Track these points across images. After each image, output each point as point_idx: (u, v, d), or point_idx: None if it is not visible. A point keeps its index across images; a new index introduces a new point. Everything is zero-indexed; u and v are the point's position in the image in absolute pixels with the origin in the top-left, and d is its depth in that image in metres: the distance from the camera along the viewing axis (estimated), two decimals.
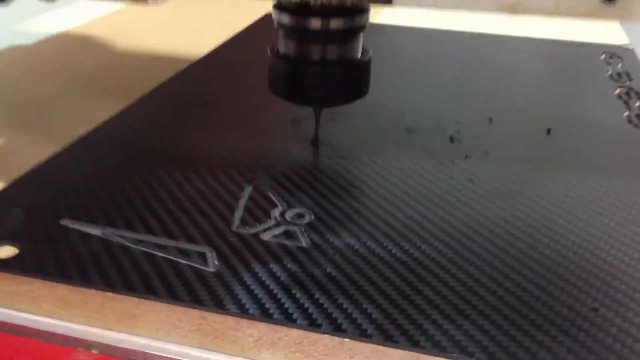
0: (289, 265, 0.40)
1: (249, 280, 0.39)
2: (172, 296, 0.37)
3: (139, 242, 0.42)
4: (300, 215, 0.46)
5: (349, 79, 0.52)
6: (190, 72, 0.74)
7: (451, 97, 0.68)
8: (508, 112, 0.64)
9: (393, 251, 0.42)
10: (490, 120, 0.62)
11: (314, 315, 0.36)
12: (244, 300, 0.37)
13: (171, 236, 0.43)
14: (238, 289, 0.38)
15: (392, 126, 0.60)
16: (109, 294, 0.38)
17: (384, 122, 0.61)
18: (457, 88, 0.71)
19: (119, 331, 0.36)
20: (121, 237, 0.42)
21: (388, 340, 0.34)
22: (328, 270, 0.40)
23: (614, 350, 0.34)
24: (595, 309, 0.37)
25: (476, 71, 0.77)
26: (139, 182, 0.49)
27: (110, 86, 0.71)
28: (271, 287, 0.38)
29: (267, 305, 0.36)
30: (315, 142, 0.56)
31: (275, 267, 0.40)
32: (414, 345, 0.34)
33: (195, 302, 0.37)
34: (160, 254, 0.41)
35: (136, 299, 0.37)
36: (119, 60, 0.80)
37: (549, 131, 0.60)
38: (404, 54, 0.83)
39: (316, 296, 0.37)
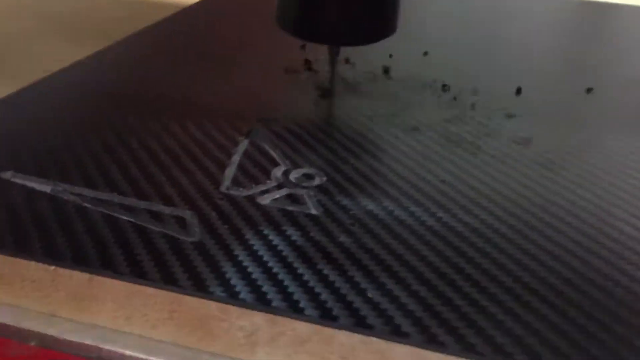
0: (294, 237, 0.31)
1: (240, 254, 0.29)
2: (137, 272, 0.28)
3: (99, 202, 0.32)
4: (309, 177, 0.36)
5: (373, 12, 0.42)
6: (178, 18, 0.64)
7: (485, 52, 0.58)
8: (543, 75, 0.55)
9: (423, 219, 0.32)
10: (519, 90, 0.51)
11: (327, 303, 0.26)
12: (233, 281, 0.27)
13: (141, 196, 0.33)
14: (226, 266, 0.28)
15: (422, 79, 0.51)
16: (53, 268, 0.28)
17: (413, 73, 0.51)
18: (489, 44, 0.61)
19: (65, 318, 0.26)
20: (76, 195, 0.33)
21: (431, 342, 0.25)
22: (345, 244, 0.30)
23: None
24: None
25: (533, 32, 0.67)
26: (105, 130, 0.39)
27: (88, 29, 0.61)
28: (270, 264, 0.29)
29: (264, 289, 0.27)
30: (328, 91, 0.47)
31: (275, 239, 0.30)
32: (467, 350, 0.25)
33: (168, 281, 0.27)
34: (125, 218, 0.31)
35: (88, 276, 0.28)
36: (99, 3, 0.70)
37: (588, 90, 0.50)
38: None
39: (330, 278, 0.28)
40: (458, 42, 0.61)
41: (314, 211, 0.33)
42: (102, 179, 0.34)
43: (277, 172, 0.36)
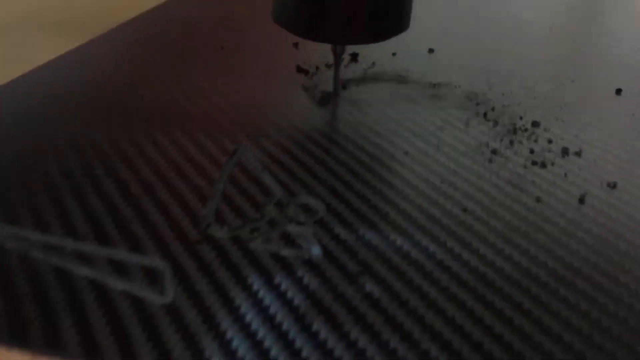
0: (290, 295, 0.25)
1: (223, 322, 0.23)
2: (92, 353, 0.22)
3: (48, 250, 0.26)
4: (307, 209, 0.30)
5: (382, 6, 0.36)
6: (165, 9, 0.57)
7: (495, 51, 0.52)
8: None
9: (446, 263, 0.26)
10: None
11: None
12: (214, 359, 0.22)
13: (103, 238, 0.27)
14: (205, 340, 0.22)
15: (432, 80, 0.44)
16: None
17: (423, 73, 0.45)
18: (501, 43, 0.55)
19: None
20: (22, 240, 0.27)
21: None
22: (352, 302, 0.24)
23: None
24: None
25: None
26: (64, 151, 0.33)
27: (64, 22, 0.54)
28: (260, 336, 0.23)
29: None
30: (329, 97, 0.41)
31: (267, 298, 0.24)
32: None
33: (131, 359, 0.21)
34: (81, 272, 0.25)
35: (29, 357, 0.22)
36: None
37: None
38: None
39: (336, 353, 0.22)
40: (467, 38, 0.55)
41: (314, 255, 0.27)
42: (56, 216, 0.28)
43: (269, 204, 0.30)
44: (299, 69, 0.45)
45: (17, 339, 0.22)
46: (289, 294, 0.25)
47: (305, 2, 0.35)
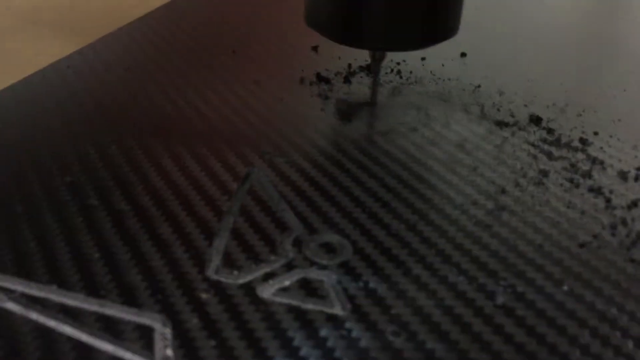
0: (311, 359, 0.21)
1: None
2: None
3: (30, 301, 0.23)
4: (330, 249, 0.26)
5: (429, 10, 0.32)
6: (173, 9, 0.53)
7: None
8: None
9: (496, 320, 0.22)
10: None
11: None
12: None
13: (92, 288, 0.23)
14: None
15: (467, 90, 0.40)
16: None
17: (454, 83, 0.41)
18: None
19: None
20: (2, 289, 0.23)
21: None
22: None
23: None
24: None
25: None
26: (49, 178, 0.30)
27: (67, 23, 0.51)
28: None
29: None
30: (352, 111, 0.36)
31: None
32: None
33: None
34: (66, 330, 0.21)
35: None
36: None
37: None
38: None
39: None
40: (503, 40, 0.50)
41: (338, 310, 0.23)
42: (40, 259, 0.25)
43: (286, 242, 0.26)
44: (320, 78, 0.41)
45: None
46: (309, 358, 0.21)
47: (343, 5, 0.31)
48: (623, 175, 0.31)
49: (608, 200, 0.29)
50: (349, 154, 0.33)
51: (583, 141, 0.34)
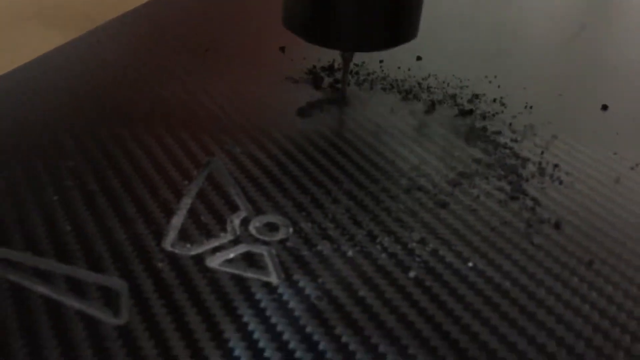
0: (246, 319, 0.25)
1: (175, 346, 0.23)
2: None
3: (8, 265, 0.26)
4: (273, 227, 0.30)
5: (392, 16, 0.36)
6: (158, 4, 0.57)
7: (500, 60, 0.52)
8: None
9: (407, 290, 0.26)
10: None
11: None
12: None
13: (62, 255, 0.27)
14: None
15: (445, 96, 0.44)
16: None
17: (409, 82, 0.45)
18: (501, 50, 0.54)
19: None
20: None
21: None
22: (308, 329, 0.24)
23: None
24: None
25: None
26: (33, 154, 0.33)
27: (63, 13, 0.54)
28: None
29: None
30: (309, 111, 0.40)
31: (223, 322, 0.24)
32: None
33: None
34: (38, 289, 0.25)
35: None
36: None
37: None
38: None
39: None
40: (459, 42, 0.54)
41: (274, 279, 0.27)
42: (17, 229, 0.28)
43: (235, 221, 0.30)
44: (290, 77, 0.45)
45: None
46: (245, 319, 0.25)
47: (317, 10, 0.36)
48: (541, 171, 0.35)
49: (524, 192, 0.33)
50: (300, 146, 0.37)
51: (512, 139, 0.38)
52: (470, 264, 0.28)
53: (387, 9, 0.36)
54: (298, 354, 0.23)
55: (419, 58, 0.50)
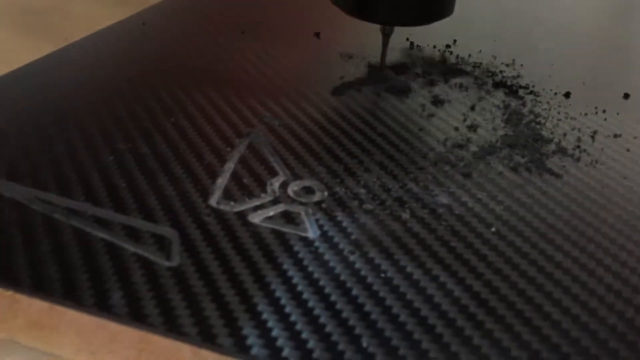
0: (285, 267, 0.27)
1: (222, 288, 0.26)
2: (103, 305, 0.24)
3: (70, 212, 0.29)
4: (309, 191, 0.32)
5: None
6: None
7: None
8: None
9: (440, 255, 0.28)
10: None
11: (315, 353, 0.23)
12: (210, 321, 0.24)
13: (119, 207, 0.30)
14: (204, 302, 0.25)
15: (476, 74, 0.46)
16: (11, 293, 0.25)
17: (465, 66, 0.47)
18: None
19: (25, 346, 0.24)
20: (47, 203, 0.29)
21: None
22: (341, 277, 0.27)
23: None
24: None
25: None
26: (86, 127, 0.36)
27: None
28: (253, 303, 0.25)
29: (244, 332, 0.24)
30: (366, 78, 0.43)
31: (264, 269, 0.27)
32: None
33: (137, 317, 0.24)
34: (98, 234, 0.28)
35: (48, 305, 0.25)
36: None
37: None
38: None
39: (320, 321, 0.24)
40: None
41: (310, 234, 0.29)
42: (78, 184, 0.31)
43: (275, 184, 0.32)
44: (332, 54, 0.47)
45: (38, 289, 0.25)
46: (284, 267, 0.27)
47: None
48: (563, 150, 0.37)
49: (546, 168, 0.35)
50: (334, 120, 0.39)
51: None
52: (493, 229, 0.30)
53: None
54: (333, 298, 0.25)
55: (453, 42, 0.52)
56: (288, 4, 0.59)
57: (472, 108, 0.42)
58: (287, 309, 0.25)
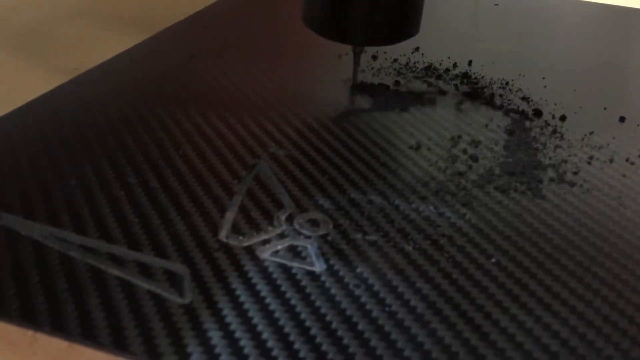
0: (293, 302, 0.28)
1: (232, 322, 0.27)
2: (120, 343, 0.25)
3: (85, 250, 0.30)
4: (314, 223, 0.33)
5: (396, 15, 0.43)
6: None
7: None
8: None
9: (446, 286, 0.29)
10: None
11: None
12: (223, 357, 0.25)
13: (132, 243, 0.31)
14: (215, 337, 0.26)
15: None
16: (31, 333, 0.26)
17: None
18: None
19: None
20: (62, 240, 0.31)
21: None
22: (348, 313, 0.28)
23: None
24: None
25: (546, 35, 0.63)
26: (99, 163, 0.37)
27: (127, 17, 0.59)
28: (264, 337, 0.26)
29: None
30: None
31: (273, 304, 0.28)
32: None
33: (150, 355, 0.25)
34: (112, 271, 0.29)
35: (66, 343, 0.26)
36: None
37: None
38: None
39: (328, 356, 0.25)
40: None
41: (317, 268, 0.30)
42: (92, 220, 0.32)
43: (281, 217, 0.33)
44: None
45: (57, 329, 0.26)
46: (292, 302, 0.28)
47: (332, 10, 0.43)
48: (560, 177, 0.38)
49: (542, 196, 0.36)
50: (337, 151, 0.40)
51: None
52: (493, 260, 0.31)
53: (394, 8, 0.43)
54: (340, 333, 0.27)
55: (453, 65, 0.53)
56: (298, 27, 0.61)
57: (470, 135, 0.43)
58: (296, 345, 0.26)
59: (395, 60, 0.53)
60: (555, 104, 0.48)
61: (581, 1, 0.75)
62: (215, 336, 0.26)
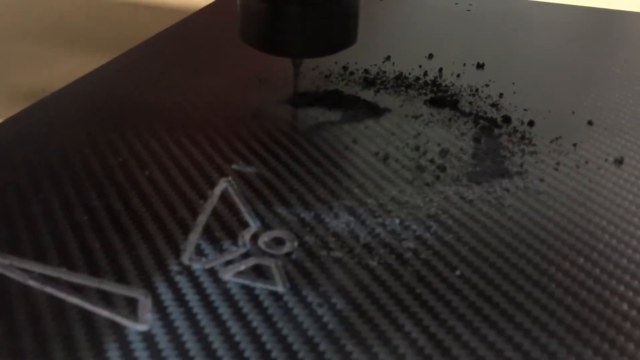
0: (255, 324, 0.28)
1: (192, 349, 0.26)
2: None
3: (45, 279, 0.30)
4: (279, 242, 0.33)
5: (332, 28, 0.43)
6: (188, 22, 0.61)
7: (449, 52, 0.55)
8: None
9: (412, 307, 0.29)
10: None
11: None
12: None
13: (93, 269, 0.30)
14: None
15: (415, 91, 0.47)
16: None
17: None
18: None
19: None
20: (22, 270, 0.30)
21: None
22: (310, 333, 0.27)
23: None
24: None
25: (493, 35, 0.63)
26: (62, 185, 0.37)
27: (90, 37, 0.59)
28: None
29: None
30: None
31: (234, 328, 0.28)
32: None
33: None
34: (72, 300, 0.29)
35: None
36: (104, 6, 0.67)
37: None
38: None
39: None
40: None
41: (280, 288, 0.30)
42: (53, 247, 0.32)
43: (246, 236, 0.33)
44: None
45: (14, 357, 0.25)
46: (254, 324, 0.28)
47: (268, 24, 0.43)
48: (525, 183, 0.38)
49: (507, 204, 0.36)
50: (305, 165, 0.40)
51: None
52: (457, 273, 0.31)
53: (327, 20, 0.43)
54: (301, 355, 0.26)
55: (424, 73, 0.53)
56: None
57: (439, 144, 0.43)
58: None
59: (365, 70, 0.53)
60: (525, 110, 0.48)
61: (551, 4, 0.75)
62: None
